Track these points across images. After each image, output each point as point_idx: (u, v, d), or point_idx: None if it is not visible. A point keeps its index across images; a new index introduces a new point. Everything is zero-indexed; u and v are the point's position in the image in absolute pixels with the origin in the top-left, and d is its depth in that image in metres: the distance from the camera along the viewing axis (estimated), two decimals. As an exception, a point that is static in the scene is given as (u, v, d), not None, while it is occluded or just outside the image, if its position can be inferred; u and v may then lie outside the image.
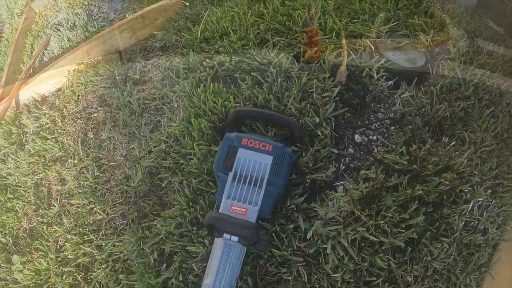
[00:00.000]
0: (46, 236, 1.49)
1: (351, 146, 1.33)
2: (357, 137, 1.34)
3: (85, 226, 1.40)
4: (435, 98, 1.41)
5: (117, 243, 1.31)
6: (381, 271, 1.14)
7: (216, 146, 1.22)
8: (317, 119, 1.24)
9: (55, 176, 1.59)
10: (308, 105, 1.28)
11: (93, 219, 1.40)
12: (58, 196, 1.57)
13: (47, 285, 1.40)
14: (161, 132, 1.39)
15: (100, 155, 1.51)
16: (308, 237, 1.12)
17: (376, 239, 1.13)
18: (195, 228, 1.16)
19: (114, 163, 1.46)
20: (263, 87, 1.33)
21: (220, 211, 1.09)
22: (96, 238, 1.36)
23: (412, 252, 1.18)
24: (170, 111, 1.43)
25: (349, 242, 1.13)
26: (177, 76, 1.53)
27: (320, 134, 1.23)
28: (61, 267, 1.38)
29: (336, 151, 1.26)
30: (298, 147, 1.22)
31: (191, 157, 1.26)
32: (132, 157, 1.41)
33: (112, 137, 1.53)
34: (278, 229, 1.13)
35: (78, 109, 1.73)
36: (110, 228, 1.36)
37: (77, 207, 1.47)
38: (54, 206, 1.53)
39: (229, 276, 1.03)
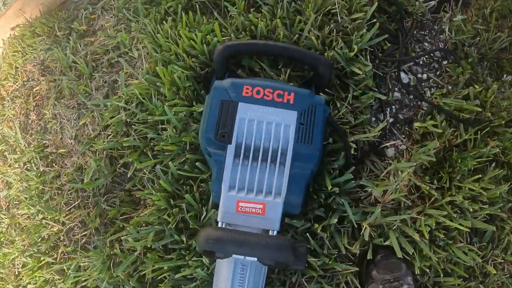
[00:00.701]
0: (1, 260, 1.00)
1: (396, 88, 0.85)
2: (404, 76, 0.86)
3: (39, 244, 0.92)
4: (492, 25, 0.92)
5: (82, 263, 0.84)
6: (456, 266, 0.72)
7: (200, 105, 0.73)
8: (353, 49, 0.74)
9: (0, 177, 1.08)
10: (333, 31, 0.78)
11: (47, 233, 0.91)
12: (6, 205, 1.07)
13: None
14: (119, 96, 0.88)
15: (45, 142, 1.00)
16: (362, 233, 0.67)
17: (453, 223, 0.70)
18: (184, 238, 0.69)
19: (63, 150, 0.95)
20: (262, 11, 0.81)
21: (220, 214, 0.62)
22: (55, 260, 0.89)
23: (492, 234, 0.76)
24: (129, 64, 0.91)
25: (418, 232, 0.69)
26: (135, 16, 0.98)
27: (357, 72, 0.74)
28: (23, 301, 0.92)
29: (383, 97, 0.78)
30: (327, 94, 0.74)
31: (164, 126, 0.77)
32: (84, 138, 0.91)
33: (58, 113, 1.00)
34: (313, 226, 0.68)
35: (17, 86, 1.18)
36: (69, 243, 0.88)
37: (27, 218, 0.97)
38: (3, 219, 1.03)
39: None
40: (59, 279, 0.87)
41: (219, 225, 0.62)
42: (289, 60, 0.76)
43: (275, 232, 0.62)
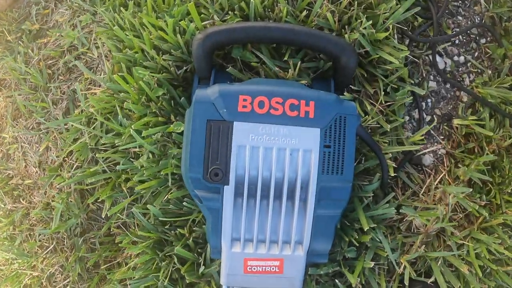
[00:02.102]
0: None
1: (431, 76, 0.59)
2: (439, 60, 0.59)
3: None
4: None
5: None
6: None
7: (180, 122, 0.46)
8: (382, 27, 0.47)
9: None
10: (354, 4, 0.49)
11: (28, 279, 0.67)
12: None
13: None
14: (80, 113, 0.60)
15: (9, 172, 0.72)
16: (400, 272, 0.44)
17: (502, 248, 0.47)
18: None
19: (29, 181, 0.68)
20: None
21: (223, 277, 0.38)
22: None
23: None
24: (88, 67, 0.62)
25: (465, 261, 0.47)
26: (92, 5, 0.67)
27: (389, 59, 0.47)
28: None
29: (421, 91, 0.52)
30: (350, 91, 0.47)
31: (137, 151, 0.50)
32: (48, 166, 0.64)
33: (18, 136, 0.72)
34: (343, 270, 0.45)
35: None
36: (51, 291, 0.65)
37: (5, 263, 0.72)
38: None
39: None
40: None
41: (223, 291, 0.39)
42: (298, 48, 0.49)
43: (297, 295, 0.39)
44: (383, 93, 0.47)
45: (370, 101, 0.49)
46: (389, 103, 0.50)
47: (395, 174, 0.50)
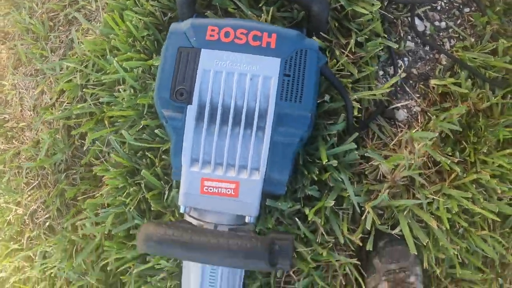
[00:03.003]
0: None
1: (410, 37, 0.61)
2: (419, 23, 0.62)
3: (5, 229, 0.74)
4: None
5: (48, 249, 0.67)
6: (474, 256, 0.53)
7: (159, 58, 0.51)
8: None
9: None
10: (331, -41, 0.53)
11: (12, 216, 0.73)
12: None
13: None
14: (74, 56, 0.66)
15: (6, 116, 0.79)
16: (364, 217, 0.47)
17: (478, 209, 0.49)
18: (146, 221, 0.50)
19: (23, 123, 0.75)
20: None
21: (181, 196, 0.42)
22: (20, 246, 0.71)
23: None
24: (87, 19, 0.68)
25: (435, 217, 0.49)
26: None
27: (362, 12, 0.51)
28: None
29: (394, 45, 0.55)
30: (323, 39, 0.51)
31: (121, 87, 0.55)
32: (42, 108, 0.70)
33: (17, 83, 0.79)
34: (304, 208, 0.48)
35: None
36: (34, 226, 0.70)
37: None
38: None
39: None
40: (27, 266, 0.71)
41: (181, 210, 0.43)
42: (274, -2, 0.53)
43: (252, 219, 0.42)
44: (353, 41, 0.50)
45: (342, 50, 0.52)
46: (361, 55, 0.53)
47: (367, 127, 0.53)
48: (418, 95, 0.59)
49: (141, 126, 0.51)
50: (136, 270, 0.51)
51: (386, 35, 0.55)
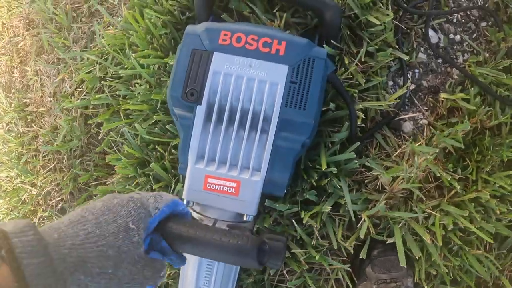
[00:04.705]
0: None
1: (422, 49, 0.63)
2: (433, 34, 0.63)
3: (19, 208, 0.82)
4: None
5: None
6: (467, 275, 0.54)
7: (174, 56, 0.55)
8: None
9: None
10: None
11: (27, 196, 0.81)
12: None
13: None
14: (95, 48, 0.71)
15: (26, 100, 0.86)
16: (360, 225, 0.50)
17: (474, 228, 0.51)
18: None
19: (43, 109, 0.82)
20: None
21: (185, 190, 0.46)
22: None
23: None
24: (109, 12, 0.74)
25: (430, 232, 0.51)
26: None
27: (374, 22, 0.53)
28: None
29: (405, 56, 0.57)
30: (334, 47, 0.54)
31: (137, 82, 0.60)
32: (61, 95, 0.77)
33: (39, 70, 0.86)
34: (300, 212, 0.52)
35: (4, 42, 1.04)
36: (47, 207, 0.77)
37: (8, 180, 0.87)
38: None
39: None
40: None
41: (184, 203, 0.47)
42: (289, 3, 0.56)
43: (250, 217, 0.46)
44: (364, 50, 0.53)
45: (352, 59, 0.55)
46: (371, 64, 0.55)
47: (371, 136, 0.56)
48: (426, 108, 0.61)
49: (153, 121, 0.56)
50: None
51: (398, 46, 0.57)
